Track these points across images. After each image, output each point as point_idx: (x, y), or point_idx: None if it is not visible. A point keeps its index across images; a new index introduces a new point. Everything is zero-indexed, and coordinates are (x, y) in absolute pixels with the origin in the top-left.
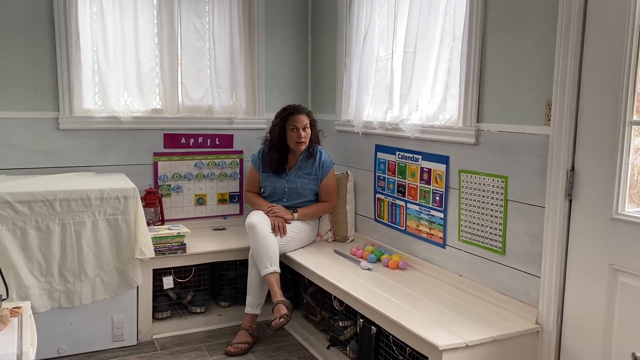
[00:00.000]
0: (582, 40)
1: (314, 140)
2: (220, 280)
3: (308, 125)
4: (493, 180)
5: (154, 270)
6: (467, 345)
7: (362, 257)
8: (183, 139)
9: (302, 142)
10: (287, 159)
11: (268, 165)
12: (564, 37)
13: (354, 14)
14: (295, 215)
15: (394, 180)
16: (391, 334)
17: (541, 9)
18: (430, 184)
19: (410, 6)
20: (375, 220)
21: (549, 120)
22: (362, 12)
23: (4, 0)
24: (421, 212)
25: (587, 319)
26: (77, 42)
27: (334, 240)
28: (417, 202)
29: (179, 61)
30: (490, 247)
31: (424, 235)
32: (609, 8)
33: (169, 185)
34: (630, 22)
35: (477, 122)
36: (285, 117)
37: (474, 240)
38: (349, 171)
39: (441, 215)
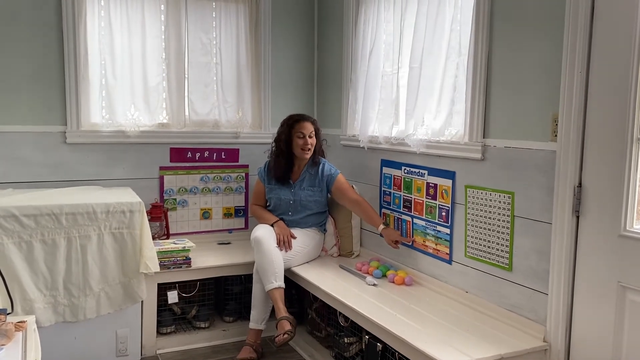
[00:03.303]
0: (588, 57)
1: (318, 150)
2: (225, 295)
3: (314, 133)
4: (499, 195)
5: (159, 285)
6: None
7: (367, 273)
8: (189, 153)
9: (308, 149)
10: (292, 170)
11: (274, 174)
12: (571, 53)
13: (359, 30)
14: (382, 227)
15: (400, 195)
16: (397, 351)
17: (547, 25)
18: (436, 199)
19: (416, 22)
20: (381, 235)
21: (556, 136)
22: (368, 28)
23: (13, 15)
24: (427, 228)
25: (595, 337)
26: (85, 57)
27: (339, 255)
28: (424, 217)
29: (186, 76)
30: (496, 263)
31: (430, 251)
32: (615, 24)
33: (175, 199)
34: (636, 38)
35: (483, 137)
36: (292, 124)
37: (481, 256)
38: (354, 186)
39: (447, 230)
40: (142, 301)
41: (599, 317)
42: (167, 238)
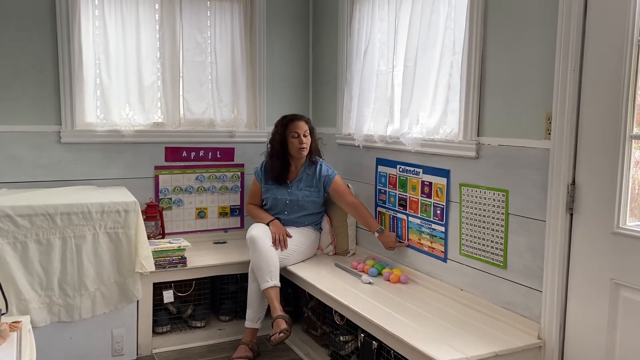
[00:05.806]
0: (581, 55)
1: (314, 149)
2: (221, 294)
3: (308, 132)
4: (494, 194)
5: (154, 284)
6: None
7: (363, 271)
8: (184, 152)
9: (304, 148)
10: (288, 170)
11: (270, 174)
12: (564, 52)
13: (354, 29)
14: (376, 234)
15: (395, 193)
16: (392, 349)
17: (540, 24)
18: (431, 198)
19: (411, 21)
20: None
21: (549, 134)
22: (363, 27)
23: (7, 14)
24: (422, 226)
25: (589, 334)
26: (80, 56)
27: (335, 254)
28: (419, 215)
29: (181, 75)
30: (491, 261)
31: (426, 249)
32: (608, 22)
33: (170, 198)
34: (629, 37)
35: (478, 135)
36: (286, 124)
37: (475, 254)
38: (350, 185)
39: (442, 228)
40: (137, 301)
41: (593, 314)
42: (163, 237)
